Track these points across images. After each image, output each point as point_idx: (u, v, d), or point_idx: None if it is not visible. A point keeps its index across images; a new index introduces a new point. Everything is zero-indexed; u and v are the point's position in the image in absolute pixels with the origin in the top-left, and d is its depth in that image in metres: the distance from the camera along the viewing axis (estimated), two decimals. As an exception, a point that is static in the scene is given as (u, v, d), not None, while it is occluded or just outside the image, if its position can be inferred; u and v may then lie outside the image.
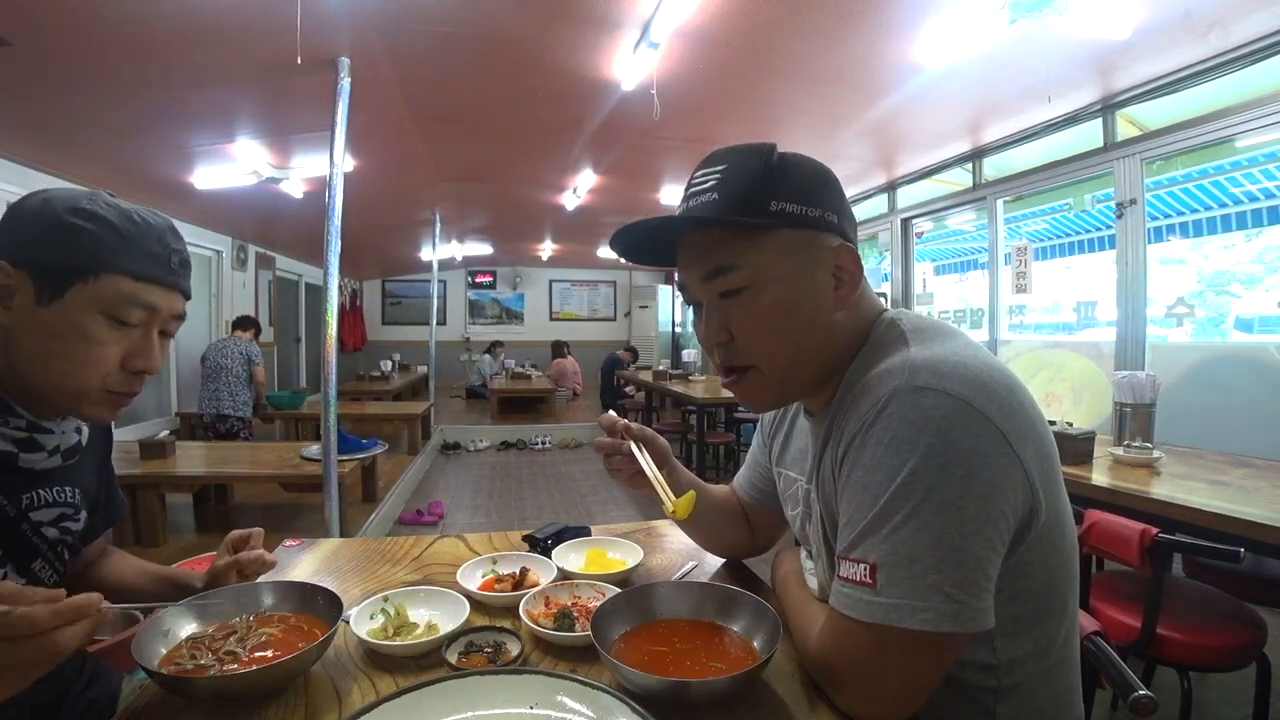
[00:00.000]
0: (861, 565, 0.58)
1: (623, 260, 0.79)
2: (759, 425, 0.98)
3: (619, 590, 0.81)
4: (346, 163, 2.80)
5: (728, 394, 4.91)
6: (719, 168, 0.68)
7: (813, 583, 0.78)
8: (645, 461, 0.86)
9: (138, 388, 0.75)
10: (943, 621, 0.55)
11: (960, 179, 4.60)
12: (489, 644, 0.73)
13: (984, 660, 0.64)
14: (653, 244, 0.75)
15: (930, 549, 0.55)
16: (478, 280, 11.66)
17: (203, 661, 0.66)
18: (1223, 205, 3.23)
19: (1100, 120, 3.37)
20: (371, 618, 0.78)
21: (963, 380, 0.58)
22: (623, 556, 1.01)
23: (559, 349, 9.36)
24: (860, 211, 5.65)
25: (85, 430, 0.83)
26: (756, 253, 0.66)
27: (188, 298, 0.78)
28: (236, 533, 0.92)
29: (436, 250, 7.40)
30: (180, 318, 0.78)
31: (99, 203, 0.69)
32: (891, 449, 0.58)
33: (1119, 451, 1.90)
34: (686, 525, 1.00)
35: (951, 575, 0.55)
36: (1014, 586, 0.61)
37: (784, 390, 0.73)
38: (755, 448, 0.98)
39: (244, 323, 4.78)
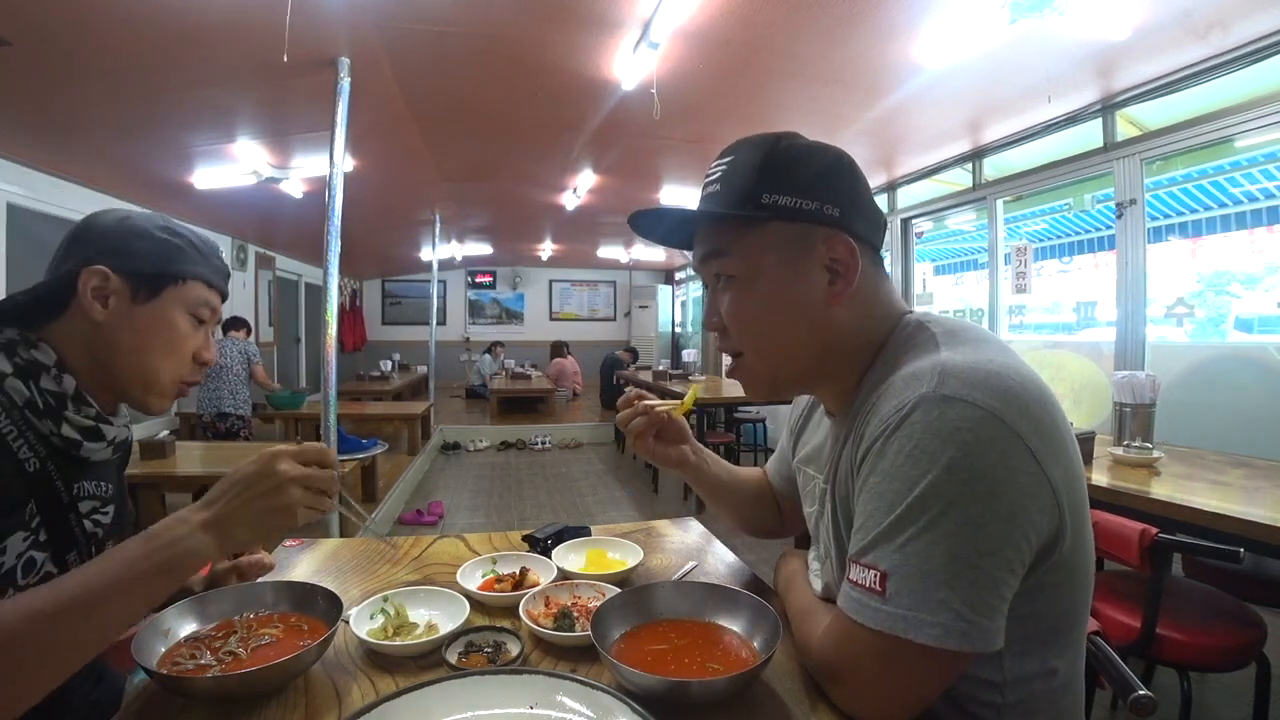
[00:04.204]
0: (872, 572, 0.57)
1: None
2: (788, 419, 0.99)
3: (619, 590, 0.81)
4: (346, 163, 2.80)
5: (728, 394, 4.90)
6: (727, 159, 0.70)
7: (817, 583, 0.78)
8: (658, 403, 0.93)
9: (200, 377, 0.88)
10: (948, 638, 0.53)
11: (960, 179, 4.59)
12: (489, 644, 0.73)
13: (990, 677, 0.62)
14: (667, 228, 0.79)
15: (944, 564, 0.54)
16: (478, 280, 11.66)
17: (203, 661, 0.66)
18: (1223, 205, 3.23)
19: (1100, 120, 3.36)
20: (371, 618, 0.78)
21: (994, 392, 0.56)
22: (623, 556, 1.01)
23: (559, 349, 9.36)
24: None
25: (132, 431, 0.91)
26: (745, 244, 0.68)
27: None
28: None
29: (436, 250, 7.41)
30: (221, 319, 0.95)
31: (176, 224, 0.84)
32: (912, 459, 0.56)
33: (1119, 451, 1.90)
34: (720, 505, 1.04)
35: (963, 594, 0.53)
36: (1028, 607, 0.59)
37: (774, 383, 0.73)
38: (782, 441, 1.00)
39: (235, 323, 4.79)
